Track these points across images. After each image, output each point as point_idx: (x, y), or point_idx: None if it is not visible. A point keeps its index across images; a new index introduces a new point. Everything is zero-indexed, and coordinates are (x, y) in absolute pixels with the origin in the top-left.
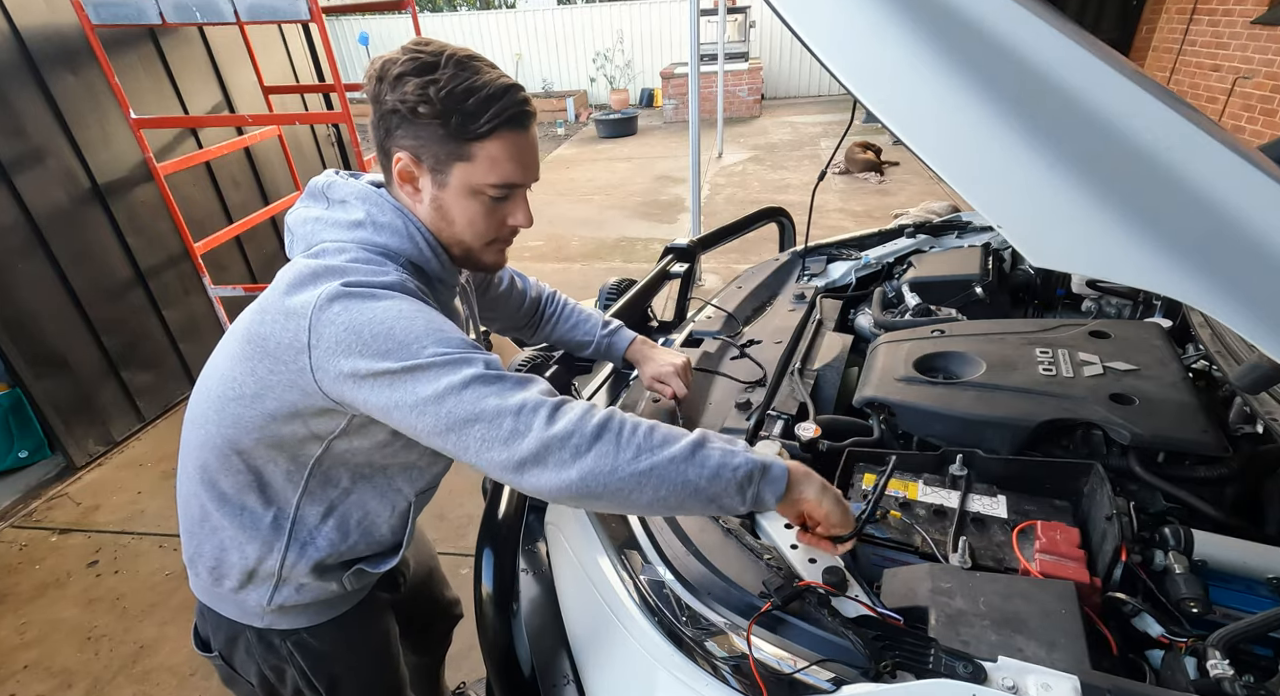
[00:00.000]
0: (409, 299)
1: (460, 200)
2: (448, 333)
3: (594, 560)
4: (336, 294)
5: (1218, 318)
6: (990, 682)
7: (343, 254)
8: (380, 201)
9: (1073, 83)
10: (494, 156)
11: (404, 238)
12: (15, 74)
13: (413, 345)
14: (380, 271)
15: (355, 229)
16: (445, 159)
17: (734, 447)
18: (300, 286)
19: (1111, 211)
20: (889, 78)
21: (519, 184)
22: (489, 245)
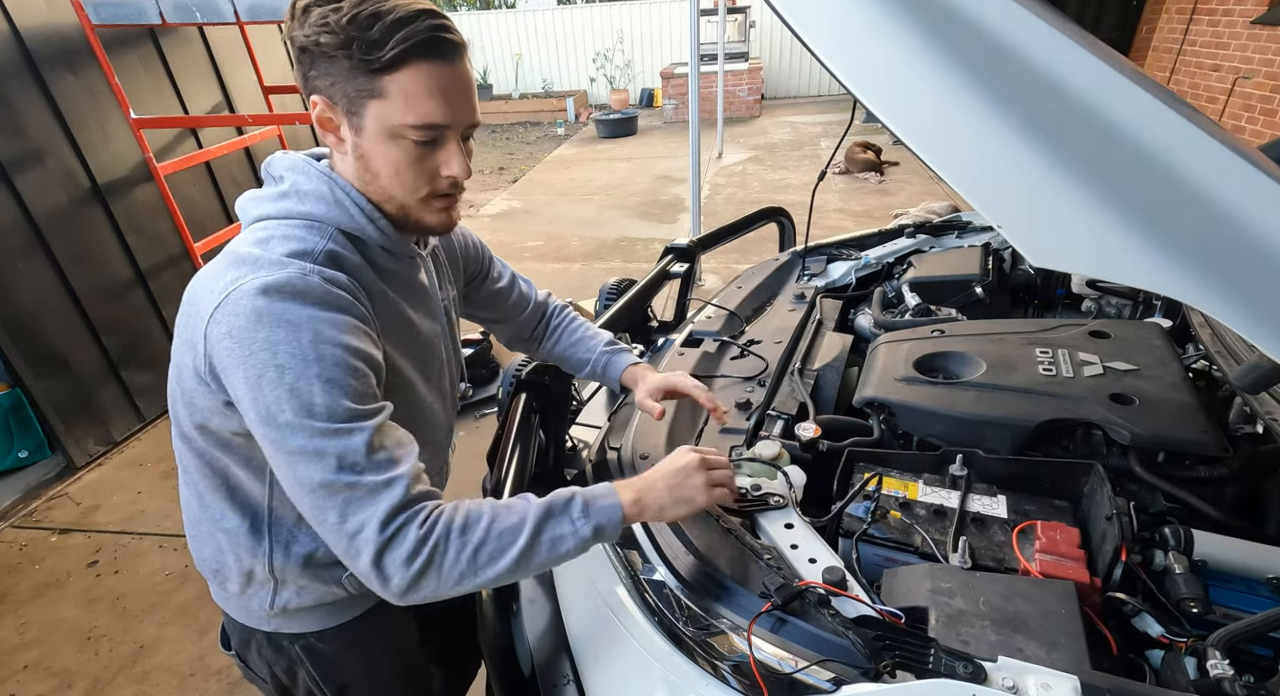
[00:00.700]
0: (330, 319)
1: (380, 145)
2: (331, 403)
3: (594, 560)
4: (247, 294)
5: (1218, 318)
6: (990, 682)
7: (266, 230)
8: (306, 168)
9: (1073, 83)
10: (408, 90)
11: (330, 203)
12: (15, 74)
13: (286, 403)
14: (304, 241)
15: (281, 200)
16: (357, 97)
17: (564, 527)
18: (216, 274)
19: (1111, 211)
20: (889, 78)
21: (443, 124)
22: (425, 201)
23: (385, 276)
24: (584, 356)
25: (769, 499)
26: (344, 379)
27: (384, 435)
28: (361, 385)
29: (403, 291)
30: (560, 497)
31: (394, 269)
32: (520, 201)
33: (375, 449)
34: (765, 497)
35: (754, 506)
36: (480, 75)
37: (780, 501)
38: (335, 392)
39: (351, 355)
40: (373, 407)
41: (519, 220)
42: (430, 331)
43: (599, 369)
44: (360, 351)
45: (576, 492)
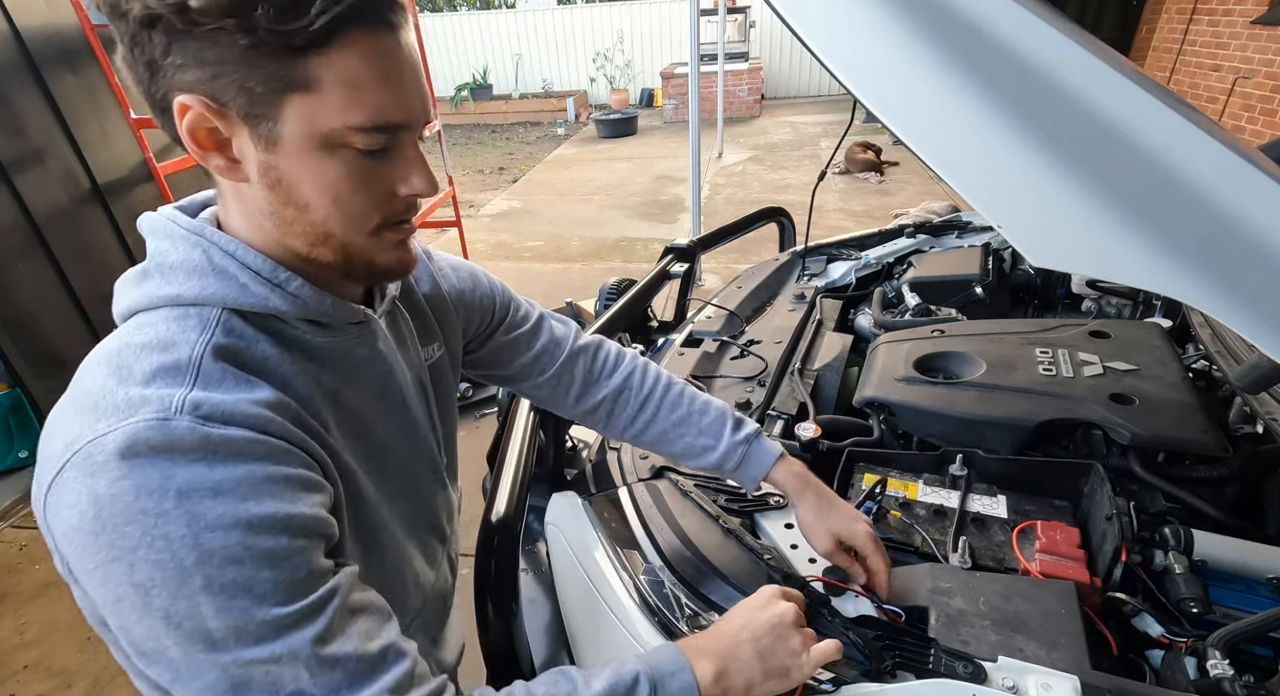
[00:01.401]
0: (218, 483)
1: (310, 162)
2: (236, 621)
3: (594, 560)
4: (81, 470)
5: (1218, 318)
6: (990, 682)
7: (121, 337)
8: (169, 228)
9: (1073, 83)
10: (350, 76)
11: (205, 275)
12: (15, 74)
13: (166, 637)
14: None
15: (142, 282)
16: (266, 92)
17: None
18: (60, 423)
19: (1112, 212)
20: (889, 78)
21: (401, 124)
22: (377, 235)
23: (318, 359)
24: (699, 440)
25: (769, 499)
26: (255, 576)
27: (342, 632)
28: (292, 570)
29: (345, 377)
30: (619, 680)
31: (328, 346)
32: (520, 201)
33: (331, 662)
34: (765, 498)
35: (754, 506)
36: (480, 75)
37: (780, 501)
38: (242, 603)
39: (266, 532)
40: (319, 596)
41: (519, 220)
42: (393, 424)
43: (732, 464)
44: (284, 519)
45: (640, 673)
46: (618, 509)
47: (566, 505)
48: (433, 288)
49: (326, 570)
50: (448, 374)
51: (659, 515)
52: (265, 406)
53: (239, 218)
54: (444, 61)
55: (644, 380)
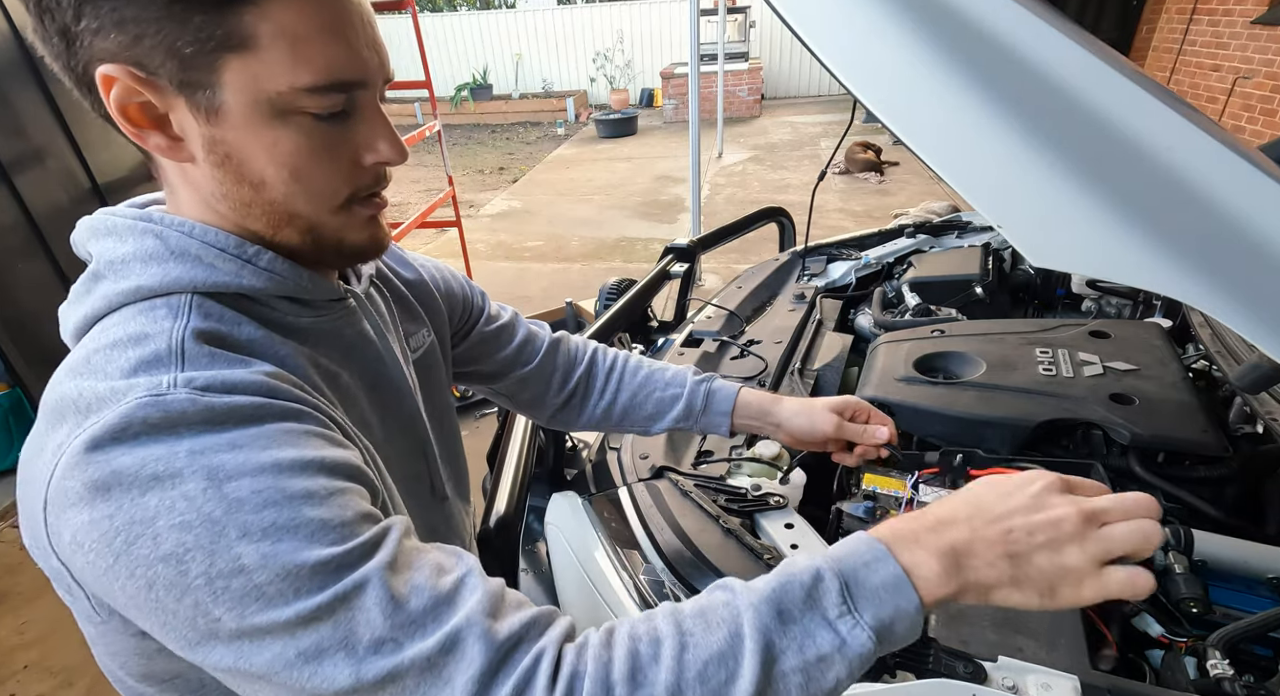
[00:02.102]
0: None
1: (260, 132)
2: (289, 566)
3: (594, 560)
4: (74, 465)
5: (1218, 318)
6: (990, 682)
7: (84, 347)
8: (110, 223)
9: (1073, 83)
10: (292, 29)
11: (167, 258)
12: (15, 74)
13: (215, 607)
14: (144, 340)
15: (91, 290)
16: (199, 52)
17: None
18: (37, 446)
19: (1111, 211)
20: (889, 78)
21: (357, 80)
22: (346, 209)
23: (307, 340)
24: (666, 392)
25: (769, 499)
26: (298, 515)
27: (409, 565)
28: (340, 508)
29: (339, 355)
30: (791, 578)
31: (314, 326)
32: (520, 201)
33: (403, 597)
34: (765, 497)
35: (754, 506)
36: (480, 75)
37: (780, 501)
38: (289, 544)
39: (299, 472)
40: (373, 534)
41: (519, 220)
42: (389, 424)
43: (699, 402)
44: (316, 461)
45: (819, 567)
46: (618, 509)
47: (566, 505)
48: (413, 274)
49: (375, 515)
50: (439, 365)
51: (659, 515)
52: (267, 374)
53: (190, 204)
54: (444, 61)
55: (606, 354)
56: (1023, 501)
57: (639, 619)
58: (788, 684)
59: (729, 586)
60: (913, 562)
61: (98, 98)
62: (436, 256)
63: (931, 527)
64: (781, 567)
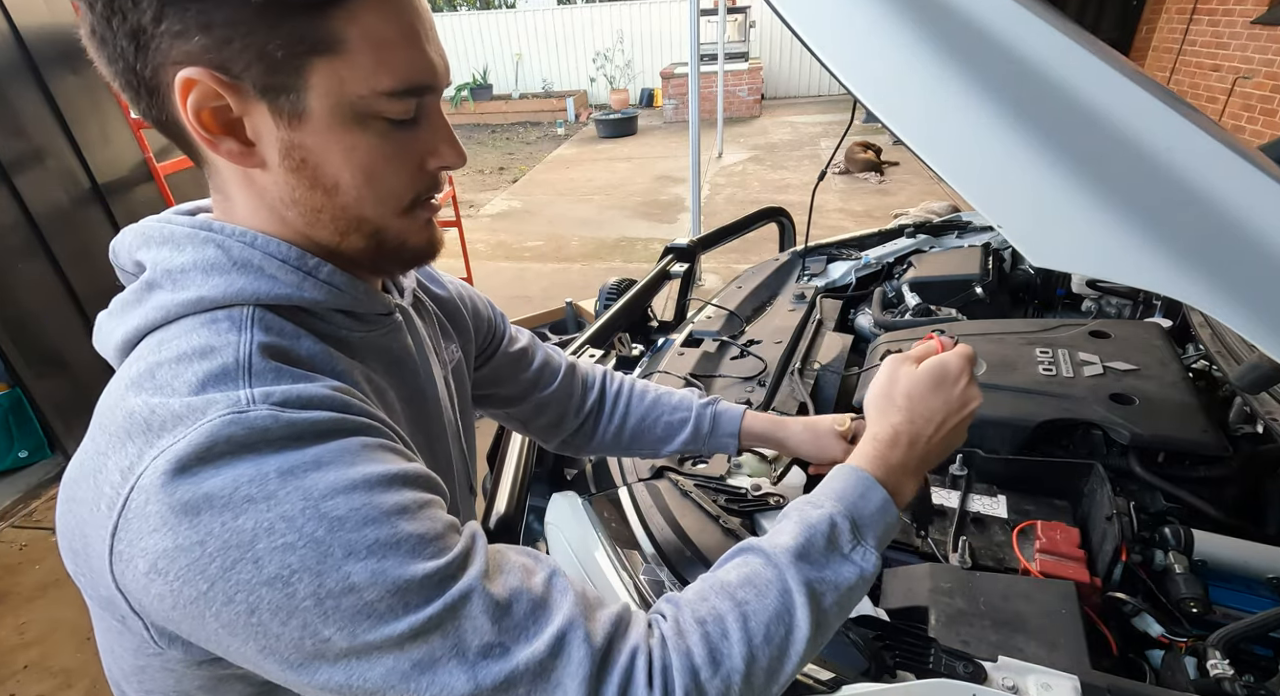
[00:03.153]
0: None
1: (340, 136)
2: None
3: (594, 560)
4: (155, 491)
5: (1218, 317)
6: (990, 682)
7: (143, 360)
8: (167, 231)
9: (1073, 83)
10: (379, 34)
11: (230, 269)
12: (15, 74)
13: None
14: (211, 354)
15: (145, 299)
16: (288, 56)
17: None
18: (95, 465)
19: (1111, 211)
20: (889, 78)
21: (429, 87)
22: (410, 213)
23: (358, 355)
24: (674, 416)
25: (769, 499)
26: (397, 531)
27: (500, 570)
28: (431, 521)
29: (385, 371)
30: (812, 529)
31: (365, 340)
32: (520, 201)
33: (505, 603)
34: (765, 497)
35: (754, 506)
36: (480, 75)
37: (780, 501)
38: (394, 560)
39: (389, 487)
40: (465, 543)
41: (519, 220)
42: (422, 433)
43: (705, 426)
44: (401, 475)
45: (831, 514)
46: (618, 509)
47: (566, 505)
48: (444, 291)
49: (457, 523)
50: (466, 380)
51: (659, 515)
52: (336, 390)
53: (250, 212)
54: None
55: (613, 378)
56: (954, 401)
57: (694, 599)
58: (830, 617)
59: (759, 548)
60: (894, 484)
61: (159, 102)
62: None
63: (891, 444)
64: (797, 517)
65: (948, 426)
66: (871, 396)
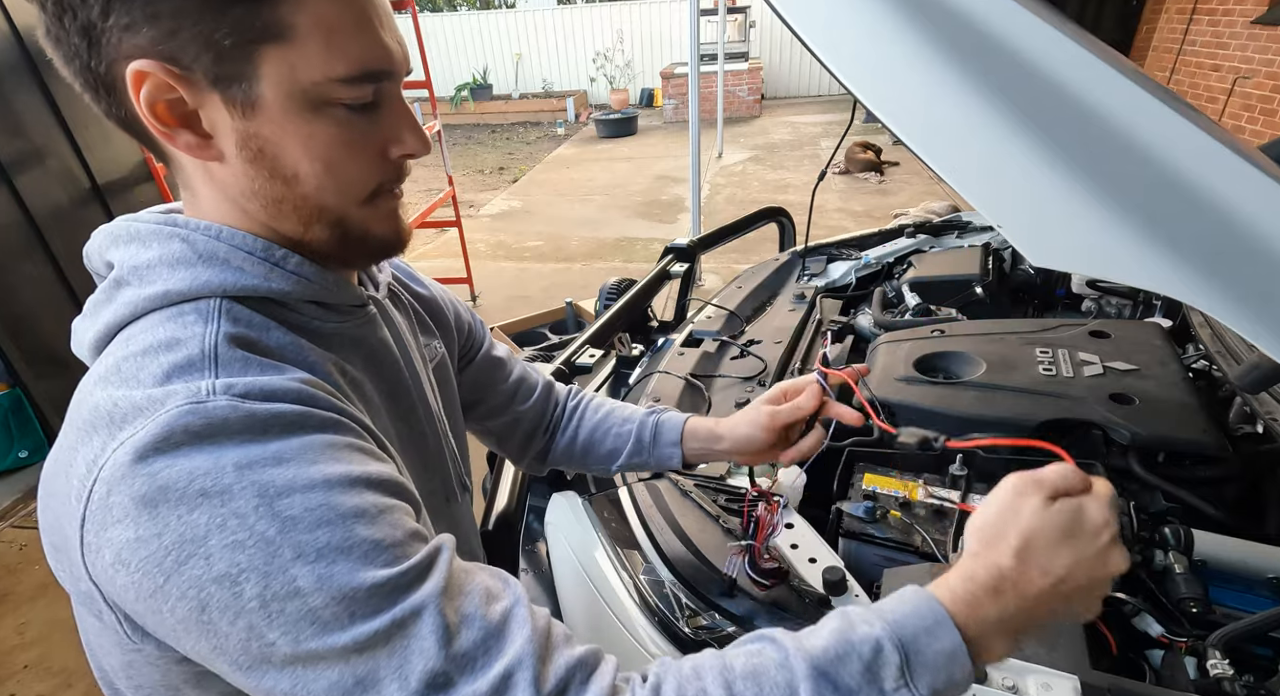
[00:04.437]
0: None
1: (296, 125)
2: (346, 589)
3: (594, 560)
4: (117, 478)
5: (1218, 317)
6: (990, 682)
7: (110, 355)
8: (131, 228)
9: (1073, 83)
10: (329, 19)
11: (196, 262)
12: (15, 74)
13: (270, 631)
14: (176, 345)
15: (113, 298)
16: (236, 44)
17: None
18: (68, 458)
19: (1111, 211)
20: (889, 78)
21: (386, 72)
22: (371, 203)
23: (332, 345)
24: (623, 428)
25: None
26: (351, 535)
27: (460, 590)
28: (391, 527)
29: (363, 362)
30: (850, 646)
31: (338, 330)
32: (520, 201)
33: (456, 627)
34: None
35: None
36: (480, 75)
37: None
38: (344, 566)
39: (349, 489)
40: (426, 555)
41: (519, 220)
42: (404, 430)
43: (648, 435)
44: (363, 477)
45: (879, 637)
46: (618, 509)
47: (566, 505)
48: (426, 291)
49: (423, 532)
50: (451, 377)
51: (659, 515)
52: (304, 382)
53: (213, 205)
54: (444, 61)
55: (573, 393)
56: (1088, 559)
57: (686, 673)
58: None
59: (779, 642)
60: (976, 634)
61: (116, 99)
62: (436, 256)
63: (992, 591)
64: (838, 626)
65: (1071, 586)
66: (981, 521)
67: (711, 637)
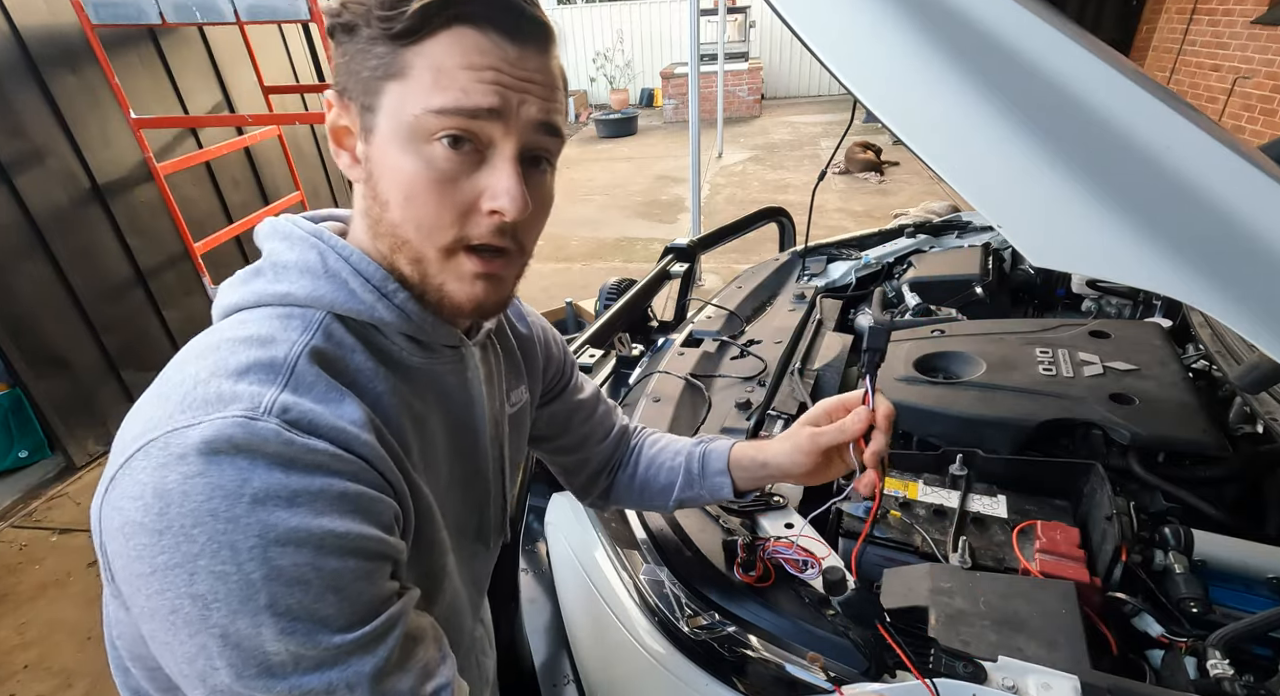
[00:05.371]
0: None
1: (393, 153)
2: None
3: (594, 560)
4: (153, 460)
5: (1218, 317)
6: (990, 682)
7: (219, 331)
8: (288, 230)
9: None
10: (439, 62)
11: (317, 276)
12: (15, 74)
13: (219, 657)
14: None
15: (251, 280)
16: (371, 79)
17: None
18: (141, 408)
19: (1111, 211)
20: (889, 78)
21: (489, 108)
22: (450, 253)
23: (410, 378)
24: (673, 462)
25: (769, 499)
26: (321, 600)
27: (401, 668)
28: (357, 594)
29: (432, 403)
30: None
31: (422, 367)
32: None
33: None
34: (765, 497)
35: (754, 506)
36: None
37: (780, 501)
38: (305, 626)
39: (336, 553)
40: (380, 624)
41: None
42: (458, 467)
43: (696, 466)
44: (356, 539)
45: None
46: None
47: (567, 505)
48: (527, 329)
49: (391, 594)
50: (526, 424)
51: (659, 515)
52: (351, 423)
53: (358, 219)
54: None
55: (635, 431)
56: None
57: None
58: None
59: None
60: None
61: None
62: None
63: None
64: None
65: None
66: None
67: (711, 637)
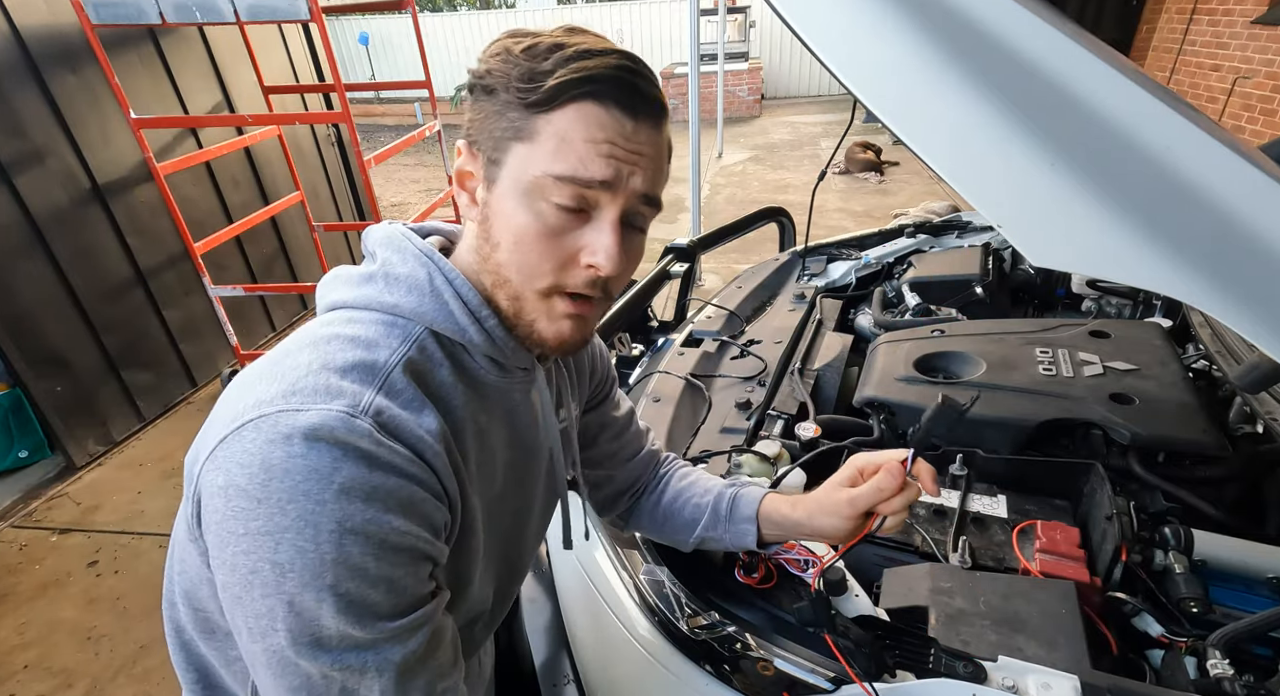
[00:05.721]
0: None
1: (510, 204)
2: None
3: (594, 560)
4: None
5: (1218, 317)
6: (990, 682)
7: (331, 325)
8: (403, 244)
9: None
10: (563, 133)
11: (424, 294)
12: (15, 74)
13: (281, 620)
14: (373, 347)
15: (365, 284)
16: (502, 138)
17: None
18: (250, 382)
19: (1111, 211)
20: (889, 78)
21: (600, 180)
22: (547, 296)
23: (482, 394)
24: (702, 499)
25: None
26: (374, 590)
27: (422, 663)
28: (401, 592)
29: (498, 417)
30: None
31: (496, 384)
32: None
33: (405, 686)
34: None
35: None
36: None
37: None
38: (357, 611)
39: (393, 552)
40: (413, 619)
41: None
42: (516, 477)
43: (724, 508)
44: (411, 541)
45: None
46: None
47: None
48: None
49: (428, 593)
50: (573, 440)
51: None
52: (428, 433)
53: (467, 245)
54: (444, 61)
55: (666, 458)
56: None
57: None
58: None
59: None
60: None
61: None
62: None
63: None
64: None
65: None
66: None
67: (711, 637)
